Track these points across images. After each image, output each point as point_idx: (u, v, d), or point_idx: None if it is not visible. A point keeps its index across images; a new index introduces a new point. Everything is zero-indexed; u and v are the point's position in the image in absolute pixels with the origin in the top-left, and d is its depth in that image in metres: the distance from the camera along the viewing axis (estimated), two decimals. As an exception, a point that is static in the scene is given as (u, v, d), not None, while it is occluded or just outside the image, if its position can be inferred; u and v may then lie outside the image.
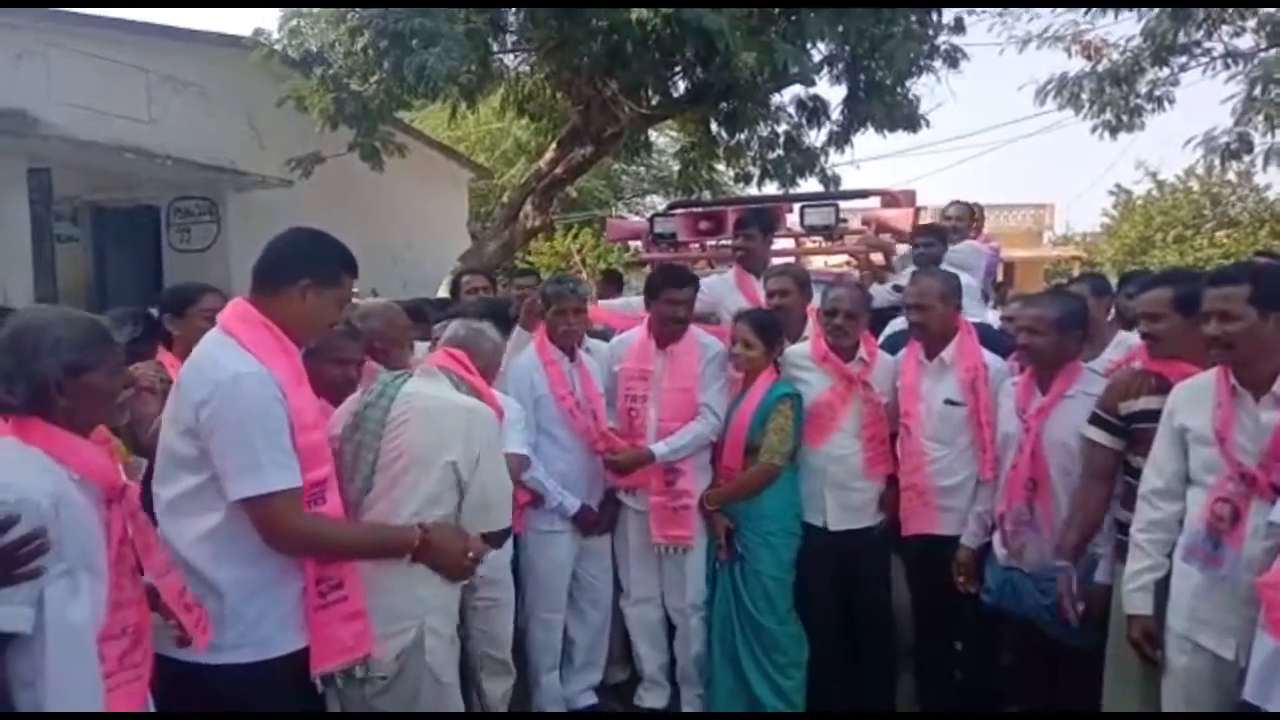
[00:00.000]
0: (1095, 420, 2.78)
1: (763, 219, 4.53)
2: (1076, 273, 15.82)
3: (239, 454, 1.97)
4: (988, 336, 3.63)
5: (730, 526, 3.46)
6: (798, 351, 3.61)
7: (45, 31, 8.29)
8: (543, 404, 3.56)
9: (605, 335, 4.11)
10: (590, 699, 3.82)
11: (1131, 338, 3.57)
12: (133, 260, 10.35)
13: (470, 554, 2.29)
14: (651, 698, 3.82)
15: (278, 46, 7.94)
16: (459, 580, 2.33)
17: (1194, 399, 2.39)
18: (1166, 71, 8.57)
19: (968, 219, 5.58)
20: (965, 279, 4.60)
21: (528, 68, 9.15)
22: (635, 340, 3.76)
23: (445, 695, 2.33)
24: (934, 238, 4.78)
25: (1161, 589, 2.44)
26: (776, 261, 4.62)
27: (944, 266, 4.42)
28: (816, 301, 4.16)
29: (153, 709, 1.90)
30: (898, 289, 4.19)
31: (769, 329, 3.52)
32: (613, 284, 8.75)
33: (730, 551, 3.46)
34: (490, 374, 2.66)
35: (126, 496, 1.82)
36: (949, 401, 3.33)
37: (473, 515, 2.32)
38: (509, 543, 3.20)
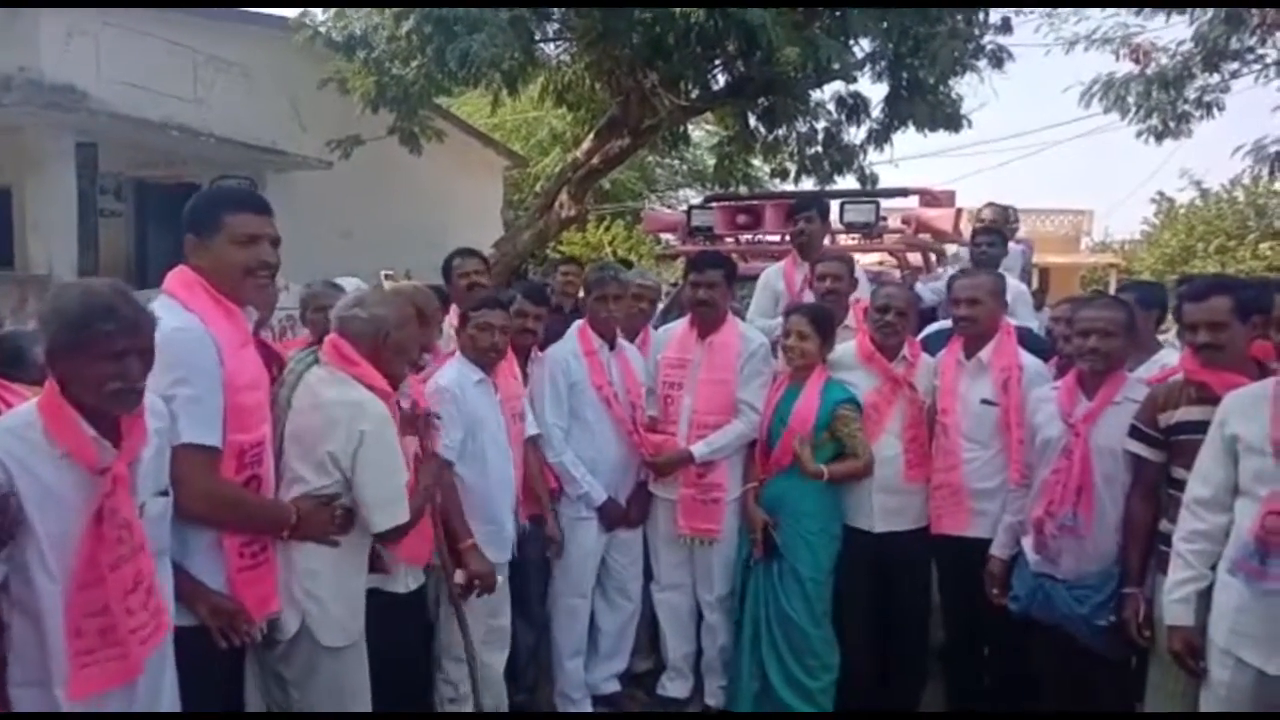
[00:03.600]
0: (1135, 434, 2.75)
1: (820, 204, 4.60)
2: (1113, 280, 15.59)
3: (159, 404, 2.00)
4: (1028, 340, 3.59)
5: (769, 523, 3.41)
6: (845, 349, 3.57)
7: (96, 9, 8.42)
8: (577, 390, 3.57)
9: None
10: (613, 686, 3.84)
11: (1169, 357, 3.44)
12: (174, 237, 10.44)
13: (337, 514, 2.36)
14: (675, 687, 3.83)
15: (322, 29, 8.02)
16: (331, 543, 2.38)
17: (1248, 408, 2.34)
18: (1217, 77, 8.40)
19: (1003, 222, 5.49)
20: (1020, 286, 4.53)
21: (568, 57, 9.17)
22: (678, 330, 3.78)
23: (342, 659, 2.40)
24: (995, 238, 4.70)
25: (1203, 601, 2.40)
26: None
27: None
28: (861, 295, 4.15)
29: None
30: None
31: (824, 321, 3.47)
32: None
33: (766, 550, 3.41)
34: (380, 350, 2.52)
35: (106, 477, 1.79)
36: (985, 401, 3.30)
37: (365, 513, 2.38)
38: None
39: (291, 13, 8.76)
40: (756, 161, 10.96)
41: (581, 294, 4.35)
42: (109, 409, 1.82)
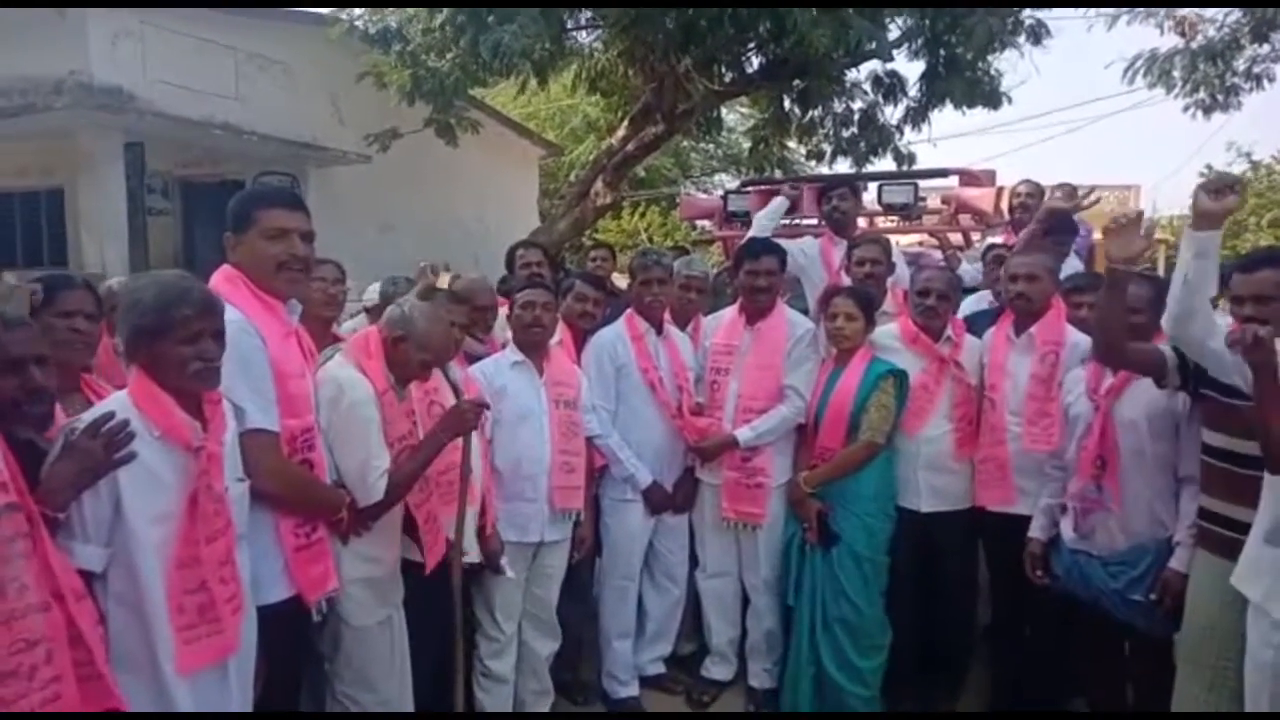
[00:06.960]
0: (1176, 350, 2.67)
1: (851, 183, 4.70)
2: (1162, 256, 15.21)
3: (225, 395, 2.08)
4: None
5: (824, 510, 3.39)
6: (886, 332, 3.56)
7: (141, 11, 8.62)
8: (624, 374, 3.60)
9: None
10: (658, 668, 3.89)
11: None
12: (219, 234, 10.72)
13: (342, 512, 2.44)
14: (719, 670, 3.87)
15: (358, 23, 8.13)
16: (343, 538, 2.49)
17: None
18: (1267, 47, 8.16)
19: (1038, 197, 5.39)
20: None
21: (601, 44, 9.18)
22: (726, 316, 3.79)
23: (361, 637, 2.57)
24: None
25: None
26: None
27: None
28: (900, 280, 4.14)
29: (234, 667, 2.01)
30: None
31: (869, 302, 3.47)
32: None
33: (821, 534, 3.38)
34: (388, 347, 2.61)
35: (200, 457, 1.89)
36: (1035, 377, 3.30)
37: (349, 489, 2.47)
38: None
39: (327, 10, 8.90)
40: (792, 144, 10.87)
41: (617, 279, 4.40)
42: (193, 387, 1.93)
